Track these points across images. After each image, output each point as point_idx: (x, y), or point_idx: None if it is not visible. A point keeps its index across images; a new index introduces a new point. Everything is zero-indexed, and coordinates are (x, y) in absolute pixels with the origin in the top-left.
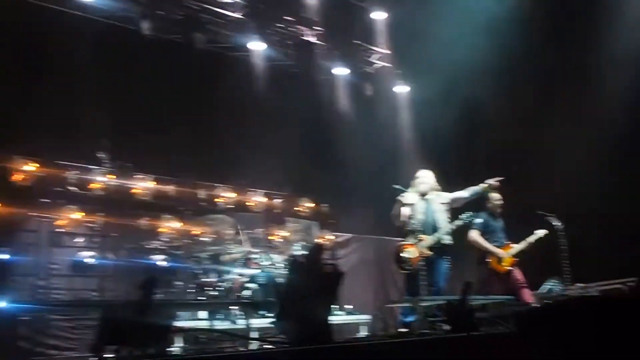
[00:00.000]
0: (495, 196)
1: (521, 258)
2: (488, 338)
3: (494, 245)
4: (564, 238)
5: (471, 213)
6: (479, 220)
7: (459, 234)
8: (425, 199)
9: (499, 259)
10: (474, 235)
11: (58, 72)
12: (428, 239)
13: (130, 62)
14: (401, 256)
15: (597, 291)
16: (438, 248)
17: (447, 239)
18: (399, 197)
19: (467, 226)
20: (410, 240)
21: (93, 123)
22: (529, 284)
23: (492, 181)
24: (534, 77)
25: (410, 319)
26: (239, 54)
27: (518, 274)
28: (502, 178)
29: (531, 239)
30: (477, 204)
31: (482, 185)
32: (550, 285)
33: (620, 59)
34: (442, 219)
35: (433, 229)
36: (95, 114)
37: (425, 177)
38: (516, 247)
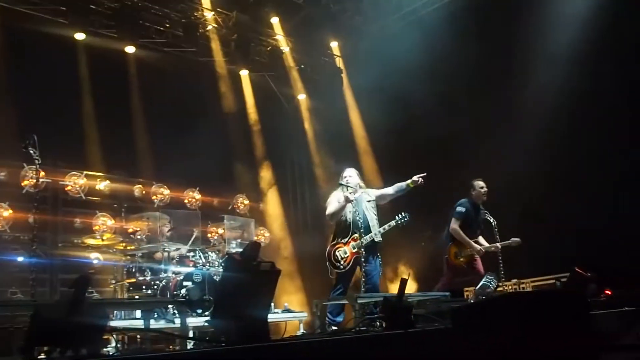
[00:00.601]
0: (480, 184)
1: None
2: (424, 334)
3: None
4: (498, 235)
5: (405, 214)
6: (461, 209)
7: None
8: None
9: (457, 252)
10: (454, 225)
11: None
12: (360, 239)
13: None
14: (335, 256)
15: (530, 287)
16: (370, 246)
17: (379, 237)
18: (332, 196)
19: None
20: (341, 240)
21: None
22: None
23: (416, 177)
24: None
25: (339, 318)
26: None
27: (479, 266)
28: (425, 174)
29: (503, 243)
30: (464, 192)
31: (407, 182)
32: (485, 281)
33: (552, 54)
34: (372, 216)
35: (364, 227)
36: (24, 111)
37: (351, 175)
38: (485, 247)
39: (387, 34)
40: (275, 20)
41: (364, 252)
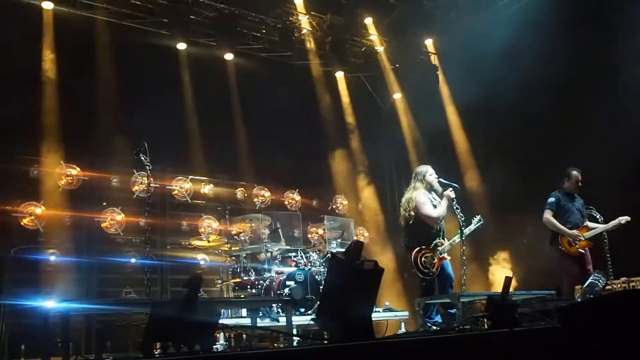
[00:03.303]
0: (577, 174)
1: (598, 242)
2: (531, 333)
3: (568, 227)
4: (605, 231)
5: (480, 217)
6: (551, 200)
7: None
8: (436, 198)
9: (571, 241)
10: (547, 215)
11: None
12: (447, 243)
13: (150, 65)
14: (423, 263)
15: None
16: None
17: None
18: (421, 195)
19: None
20: (428, 245)
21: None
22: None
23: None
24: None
25: (437, 318)
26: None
27: (588, 258)
28: (456, 186)
29: (612, 224)
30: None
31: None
32: (593, 279)
33: None
34: (461, 217)
35: (443, 231)
36: (132, 119)
37: (432, 171)
38: (592, 231)
39: (482, 28)
40: (368, 21)
41: (449, 258)
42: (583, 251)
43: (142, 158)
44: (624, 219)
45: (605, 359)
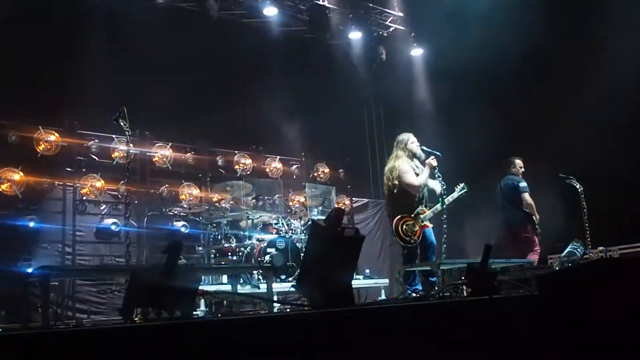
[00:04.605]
0: (520, 162)
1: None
2: (510, 301)
3: None
4: (584, 201)
5: (463, 184)
6: (524, 183)
7: None
8: (419, 166)
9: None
10: (530, 198)
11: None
12: (428, 211)
13: (142, 31)
14: (404, 230)
15: (618, 254)
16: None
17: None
18: (404, 164)
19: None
20: (408, 213)
21: (110, 93)
22: (551, 248)
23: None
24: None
25: (418, 286)
26: (255, 21)
27: None
28: (438, 154)
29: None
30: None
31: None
32: (572, 248)
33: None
34: (432, 186)
35: (425, 198)
36: (112, 84)
37: (415, 140)
38: None
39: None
40: None
41: (431, 226)
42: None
43: (122, 123)
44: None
45: (583, 326)
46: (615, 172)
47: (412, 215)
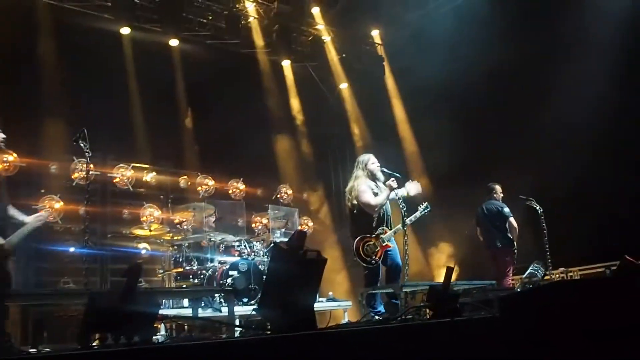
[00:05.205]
0: (499, 188)
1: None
2: (472, 323)
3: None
4: (544, 222)
5: (428, 204)
6: (507, 209)
7: None
8: (379, 186)
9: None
10: (514, 222)
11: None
12: (389, 232)
13: (93, 49)
14: (365, 250)
15: (578, 275)
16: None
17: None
18: (362, 184)
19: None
20: (369, 234)
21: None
22: (514, 269)
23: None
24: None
25: (380, 308)
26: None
27: None
28: (398, 175)
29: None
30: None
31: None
32: (533, 269)
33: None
34: (388, 206)
35: (387, 219)
36: (74, 106)
37: (374, 159)
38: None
39: (428, 22)
40: (316, 10)
41: (392, 246)
42: None
43: (82, 144)
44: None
45: (544, 347)
46: (576, 193)
47: (374, 236)
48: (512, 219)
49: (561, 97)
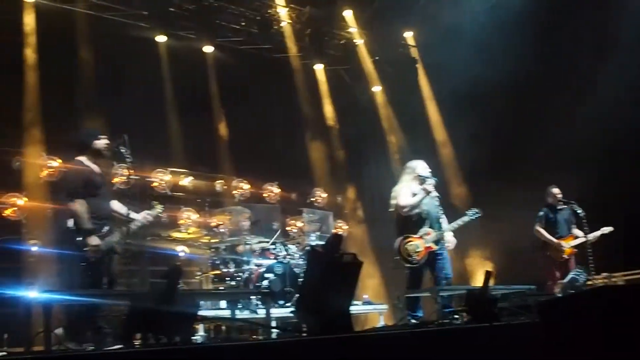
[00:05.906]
0: (555, 191)
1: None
2: (510, 328)
3: (556, 237)
4: (587, 226)
5: (478, 210)
6: (540, 214)
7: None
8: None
9: (558, 249)
10: (536, 227)
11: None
12: (434, 233)
13: (130, 57)
14: (407, 250)
15: (622, 280)
16: (440, 240)
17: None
18: (404, 187)
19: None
20: (412, 234)
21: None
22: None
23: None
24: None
25: (419, 313)
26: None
27: (572, 264)
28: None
29: (595, 234)
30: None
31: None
32: (574, 275)
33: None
34: (438, 211)
35: (435, 221)
36: (112, 112)
37: (426, 167)
38: (576, 241)
39: (462, 21)
40: (348, 14)
41: (437, 247)
42: (567, 257)
43: (122, 150)
44: (607, 229)
45: (584, 354)
46: (621, 196)
47: (418, 236)
48: (535, 224)
49: (596, 99)
